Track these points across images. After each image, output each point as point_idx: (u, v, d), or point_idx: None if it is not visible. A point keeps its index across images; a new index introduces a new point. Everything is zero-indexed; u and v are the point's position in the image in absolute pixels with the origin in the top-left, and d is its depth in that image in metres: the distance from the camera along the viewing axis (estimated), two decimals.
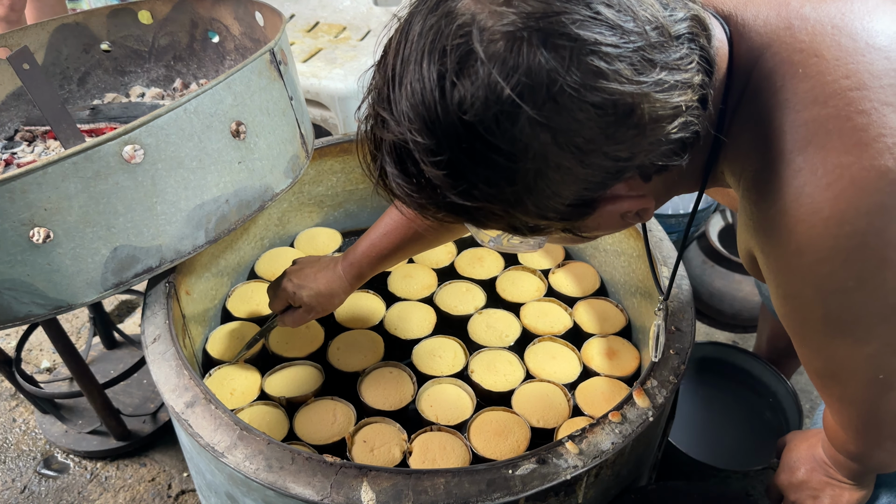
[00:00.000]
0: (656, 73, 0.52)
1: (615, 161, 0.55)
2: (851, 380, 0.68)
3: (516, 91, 0.50)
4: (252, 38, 1.43)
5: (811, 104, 0.56)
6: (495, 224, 0.61)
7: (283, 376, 1.21)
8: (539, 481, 0.82)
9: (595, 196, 0.58)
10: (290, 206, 1.51)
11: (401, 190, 0.59)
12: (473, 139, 0.52)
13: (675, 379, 0.96)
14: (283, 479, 0.82)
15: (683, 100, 0.54)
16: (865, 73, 0.55)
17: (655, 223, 1.23)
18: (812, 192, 0.56)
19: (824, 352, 0.67)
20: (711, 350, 1.56)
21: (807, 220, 0.56)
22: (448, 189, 0.55)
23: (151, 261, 1.00)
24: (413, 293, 1.39)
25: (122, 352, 1.85)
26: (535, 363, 1.23)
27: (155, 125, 0.92)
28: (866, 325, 0.61)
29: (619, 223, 0.64)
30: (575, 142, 0.52)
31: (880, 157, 0.53)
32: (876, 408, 0.70)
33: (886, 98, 0.54)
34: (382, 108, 0.56)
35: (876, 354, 0.63)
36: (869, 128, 0.54)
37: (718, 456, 1.37)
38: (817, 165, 0.55)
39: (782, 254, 0.61)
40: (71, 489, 1.59)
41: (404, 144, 0.55)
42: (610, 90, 0.50)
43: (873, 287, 0.58)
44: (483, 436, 1.09)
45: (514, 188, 0.55)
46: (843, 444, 0.81)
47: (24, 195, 0.86)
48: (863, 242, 0.55)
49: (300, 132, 1.19)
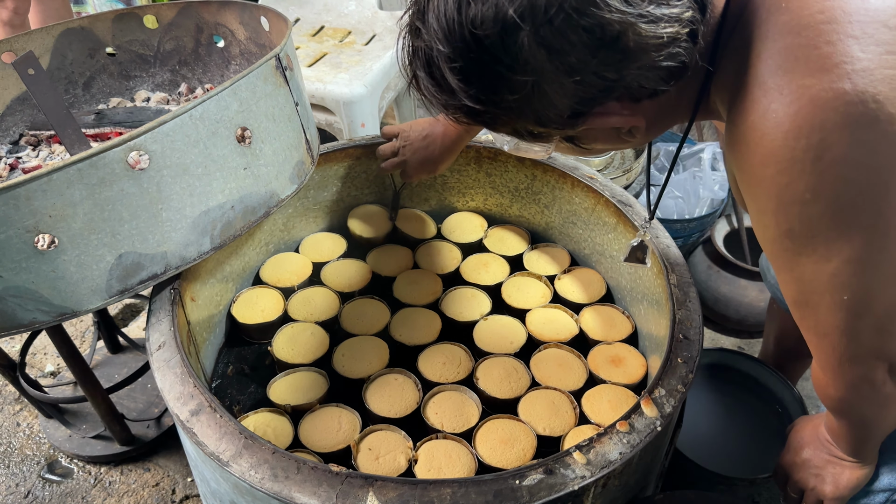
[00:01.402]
0: (644, 6, 0.59)
1: (604, 80, 0.63)
2: (821, 304, 0.70)
3: (518, 13, 0.58)
4: (257, 42, 1.42)
5: (787, 34, 0.62)
6: (503, 128, 0.71)
7: (288, 383, 1.20)
8: (546, 492, 0.82)
9: (587, 110, 0.67)
10: (296, 212, 1.50)
11: (428, 91, 0.69)
12: (481, 51, 0.61)
13: (683, 388, 0.95)
14: (288, 489, 0.82)
15: (669, 31, 0.61)
16: (838, 10, 0.60)
17: (662, 230, 1.23)
18: (777, 108, 0.61)
19: (795, 272, 0.70)
20: (717, 356, 1.55)
21: (770, 133, 0.62)
22: (462, 93, 0.65)
23: (156, 267, 1.00)
24: (418, 299, 1.38)
25: (126, 356, 1.84)
26: (541, 370, 1.22)
27: (160, 131, 0.91)
28: (825, 241, 0.64)
29: (614, 138, 0.74)
30: (567, 60, 0.60)
31: (839, 80, 0.58)
32: (848, 339, 0.71)
33: (853, 31, 0.59)
34: (418, 19, 0.65)
35: (838, 273, 0.66)
36: (833, 55, 0.59)
37: (724, 462, 1.36)
38: (783, 86, 0.61)
39: (750, 166, 0.66)
40: (75, 494, 1.58)
41: (430, 52, 0.65)
42: (598, 17, 0.58)
43: (827, 200, 0.62)
44: (489, 444, 1.08)
45: (514, 97, 0.64)
46: (824, 390, 0.82)
47: (29, 202, 0.86)
48: (817, 156, 0.60)
49: (305, 138, 1.18)
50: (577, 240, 1.48)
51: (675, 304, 1.08)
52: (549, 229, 1.54)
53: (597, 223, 1.40)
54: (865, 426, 0.85)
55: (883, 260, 0.64)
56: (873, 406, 0.79)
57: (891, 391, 0.75)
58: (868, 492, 0.94)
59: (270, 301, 1.36)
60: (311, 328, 1.31)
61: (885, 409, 0.79)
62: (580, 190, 1.40)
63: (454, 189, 1.59)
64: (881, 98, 0.58)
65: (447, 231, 1.56)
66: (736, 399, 1.54)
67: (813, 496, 0.95)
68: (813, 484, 0.94)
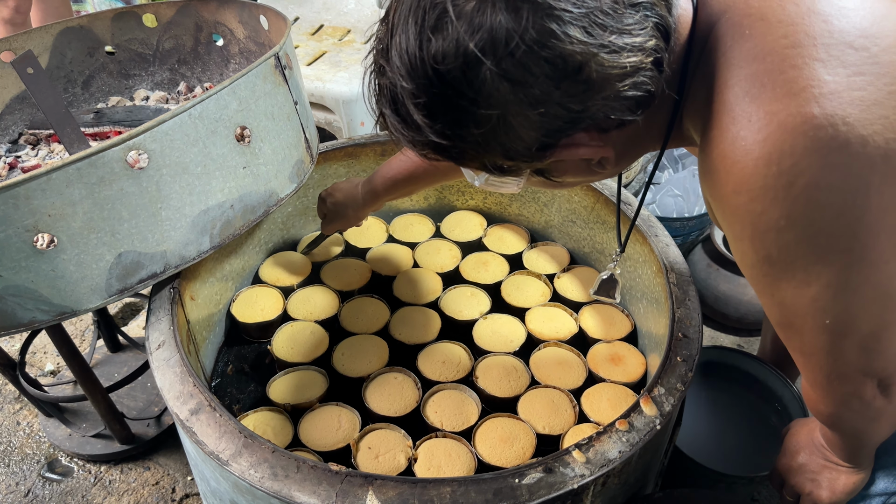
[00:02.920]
0: (606, 36, 0.58)
1: (569, 112, 0.62)
2: (804, 327, 0.70)
3: (478, 47, 0.57)
4: (257, 41, 1.42)
5: (752, 61, 0.62)
6: (472, 163, 0.70)
7: (288, 382, 1.20)
8: (546, 490, 0.82)
9: (554, 142, 0.66)
10: (295, 211, 1.50)
11: (394, 128, 0.68)
12: (444, 86, 0.60)
13: (682, 386, 0.95)
14: (288, 488, 0.82)
15: (632, 61, 0.60)
16: (802, 34, 0.60)
17: (662, 229, 1.23)
18: (745, 135, 0.61)
19: (776, 297, 0.69)
20: (716, 354, 1.55)
21: (740, 161, 0.61)
22: (428, 129, 0.64)
23: (156, 266, 1.00)
24: (418, 298, 1.38)
25: (126, 355, 1.84)
26: (540, 369, 1.22)
27: (159, 130, 0.91)
28: (804, 266, 0.64)
29: (585, 169, 0.73)
30: (531, 92, 0.60)
31: (807, 104, 0.58)
32: (833, 359, 0.71)
33: (818, 55, 0.59)
34: (381, 57, 0.65)
35: (818, 297, 0.66)
36: (798, 80, 0.58)
37: (723, 460, 1.36)
38: (752, 113, 0.61)
39: (724, 195, 0.65)
40: (75, 493, 1.58)
41: (395, 89, 0.64)
42: (560, 49, 0.57)
43: (802, 226, 0.61)
44: (488, 442, 1.08)
45: (480, 131, 0.63)
46: (815, 406, 0.82)
47: (28, 201, 0.86)
48: (789, 182, 0.59)
49: (305, 136, 1.18)
50: (576, 238, 1.48)
51: (675, 302, 1.08)
52: (549, 228, 1.54)
53: (596, 222, 1.40)
54: (858, 437, 0.85)
55: (862, 282, 0.64)
56: (864, 420, 0.79)
57: (881, 405, 0.75)
58: (864, 496, 0.94)
59: (270, 300, 1.36)
60: (311, 327, 1.31)
61: (877, 423, 0.79)
62: (579, 188, 1.40)
63: (453, 187, 1.59)
64: (851, 120, 0.57)
65: (446, 230, 1.56)
66: (735, 397, 1.54)
67: (809, 501, 0.95)
68: (809, 489, 0.94)
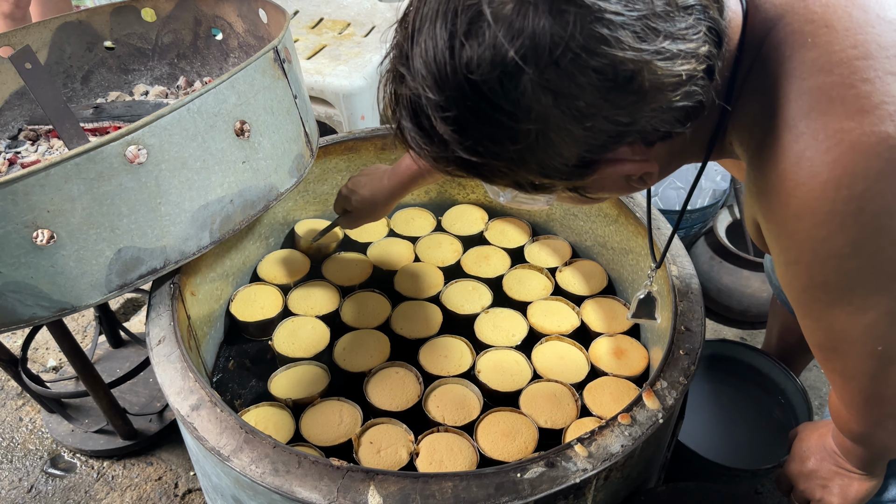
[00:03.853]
0: (659, 42, 0.53)
1: (616, 125, 0.56)
2: (851, 352, 0.67)
3: (520, 54, 0.51)
4: (256, 35, 1.41)
5: (817, 72, 0.57)
6: (501, 180, 0.63)
7: (289, 377, 1.20)
8: (548, 485, 0.81)
9: (597, 158, 0.60)
10: (295, 205, 1.50)
11: (415, 143, 0.61)
12: (479, 98, 0.54)
13: (685, 380, 0.95)
14: (289, 483, 0.82)
15: (686, 69, 0.55)
16: (873, 44, 0.55)
17: (665, 222, 1.22)
18: (812, 155, 0.56)
19: (824, 322, 0.67)
20: (720, 347, 1.55)
21: (806, 183, 0.57)
22: (456, 144, 0.57)
23: (156, 262, 0.99)
24: (419, 292, 1.38)
25: (128, 350, 1.84)
26: (542, 363, 1.22)
27: (158, 125, 0.91)
28: (863, 294, 0.61)
29: (623, 186, 0.67)
30: (576, 105, 0.53)
31: (881, 123, 0.53)
32: (877, 382, 0.69)
33: (892, 68, 0.54)
34: (401, 63, 0.58)
35: (874, 325, 0.63)
36: (872, 95, 0.54)
37: (727, 453, 1.36)
38: (818, 131, 0.56)
39: (782, 218, 0.61)
40: (78, 488, 1.59)
41: (418, 100, 0.57)
42: (611, 56, 0.51)
43: (869, 254, 0.58)
44: (490, 437, 1.08)
45: (517, 147, 0.57)
46: (846, 424, 0.80)
47: (27, 197, 0.85)
48: (859, 207, 0.55)
49: (304, 130, 1.18)
50: (578, 232, 1.48)
51: (677, 295, 1.07)
52: (551, 221, 1.54)
53: (598, 215, 1.40)
54: (884, 453, 0.83)
55: None
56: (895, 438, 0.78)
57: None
58: (876, 503, 0.92)
59: (269, 297, 1.35)
60: (312, 322, 1.30)
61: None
62: None
63: (455, 181, 1.59)
64: None
65: (448, 223, 1.55)
66: (738, 390, 1.54)
67: None
68: (820, 495, 0.92)
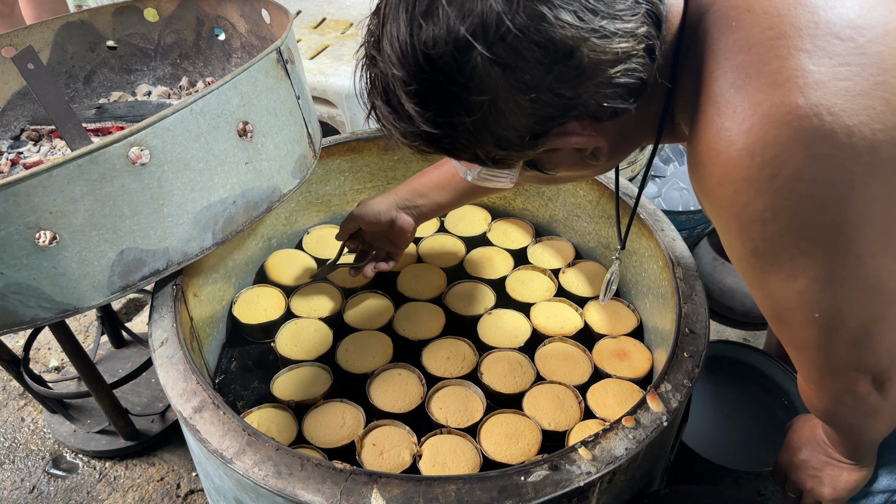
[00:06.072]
0: (598, 21, 0.59)
1: (560, 98, 0.62)
2: (793, 321, 0.69)
3: (470, 31, 0.58)
4: (258, 35, 1.41)
5: (738, 52, 0.61)
6: (463, 154, 0.69)
7: (292, 378, 1.20)
8: (552, 488, 0.81)
9: (546, 130, 0.65)
10: (298, 206, 1.50)
11: (386, 120, 0.68)
12: (435, 72, 0.61)
13: (689, 382, 0.94)
14: (292, 486, 0.81)
15: (624, 47, 0.61)
16: (787, 25, 0.59)
17: (668, 223, 1.22)
18: (730, 126, 0.60)
19: (765, 290, 0.69)
20: (722, 348, 1.54)
21: (724, 152, 0.61)
22: (419, 118, 0.64)
23: (158, 263, 0.99)
24: (422, 293, 1.37)
25: (130, 350, 1.84)
26: (545, 365, 1.21)
27: (161, 126, 0.91)
28: (789, 259, 0.63)
29: (578, 161, 0.73)
30: (523, 78, 0.60)
31: (791, 94, 0.57)
32: (825, 353, 0.71)
33: (804, 45, 0.58)
34: (373, 47, 0.65)
35: (806, 291, 0.65)
36: (783, 70, 0.58)
37: (729, 455, 1.35)
38: (737, 104, 0.60)
39: (709, 187, 0.65)
40: (80, 489, 1.58)
41: (386, 79, 0.64)
42: (550, 33, 0.58)
43: (787, 219, 0.60)
44: (494, 439, 1.08)
45: (472, 118, 0.63)
46: (809, 401, 0.81)
47: (29, 198, 0.85)
48: (772, 173, 0.59)
49: (307, 131, 1.17)
50: (581, 233, 1.47)
51: (681, 297, 1.07)
52: (554, 222, 1.53)
53: (601, 216, 1.39)
54: (854, 434, 0.84)
55: (848, 276, 0.63)
56: (859, 416, 0.78)
57: (876, 402, 0.74)
58: (867, 493, 0.93)
59: (272, 300, 1.35)
60: (315, 324, 1.30)
61: (873, 419, 0.78)
62: (584, 182, 1.39)
63: None
64: (836, 110, 0.56)
65: (451, 225, 1.55)
66: (741, 391, 1.53)
67: (811, 497, 0.95)
68: (811, 485, 0.94)
